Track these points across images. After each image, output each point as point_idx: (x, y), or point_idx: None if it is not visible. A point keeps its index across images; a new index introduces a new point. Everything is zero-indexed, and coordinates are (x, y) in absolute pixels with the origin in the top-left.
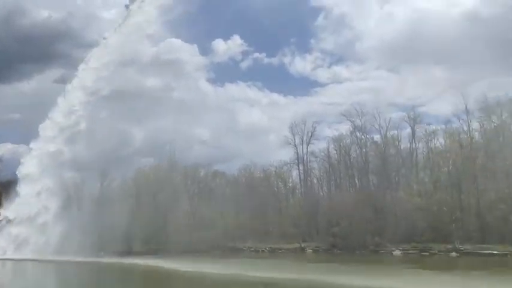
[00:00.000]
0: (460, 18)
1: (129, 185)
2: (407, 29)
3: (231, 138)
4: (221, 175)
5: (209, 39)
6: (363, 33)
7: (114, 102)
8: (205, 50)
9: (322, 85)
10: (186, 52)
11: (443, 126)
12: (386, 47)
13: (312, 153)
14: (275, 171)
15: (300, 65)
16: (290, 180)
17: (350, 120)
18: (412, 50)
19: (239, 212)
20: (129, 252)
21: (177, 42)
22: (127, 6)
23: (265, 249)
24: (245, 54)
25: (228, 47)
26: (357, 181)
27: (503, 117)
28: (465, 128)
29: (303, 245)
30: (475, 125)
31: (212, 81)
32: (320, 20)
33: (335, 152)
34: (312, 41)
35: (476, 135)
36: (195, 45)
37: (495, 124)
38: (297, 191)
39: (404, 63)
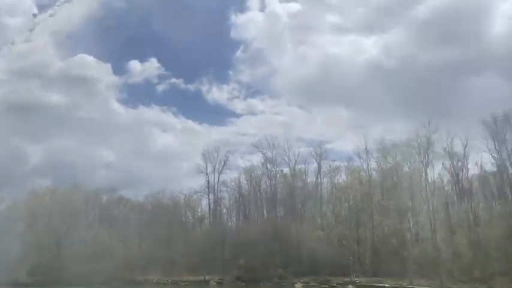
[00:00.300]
0: (364, 65)
1: (19, 208)
2: (318, 71)
3: (140, 163)
4: (126, 201)
5: (125, 59)
6: (278, 70)
7: (8, 116)
8: (119, 70)
9: (237, 116)
10: (98, 70)
11: (346, 163)
12: (298, 85)
13: (223, 182)
14: (184, 200)
15: (217, 94)
16: (199, 209)
17: (262, 152)
18: (321, 91)
19: (143, 241)
20: (14, 284)
21: (89, 58)
22: (35, 15)
23: (168, 281)
24: (162, 78)
25: (144, 68)
26: (265, 212)
27: (397, 158)
28: (365, 167)
29: (207, 277)
30: (373, 164)
31: (124, 102)
32: (239, 52)
33: (246, 182)
34: (230, 72)
35: (374, 173)
36: (109, 64)
37: (390, 164)
38: (206, 221)
39: (315, 102)
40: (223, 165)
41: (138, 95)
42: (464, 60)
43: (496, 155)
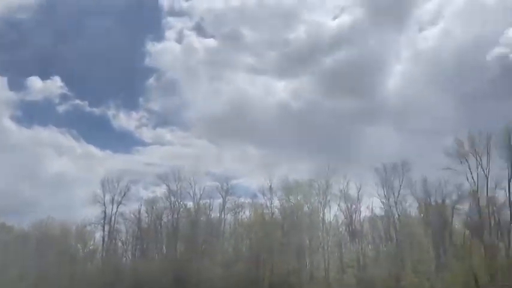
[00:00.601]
0: (274, 106)
1: None
2: (230, 107)
3: (29, 187)
4: (8, 229)
5: (24, 74)
6: (191, 102)
7: None
8: (16, 85)
9: (144, 144)
10: None
11: (250, 200)
12: (210, 119)
13: (122, 214)
14: (76, 230)
15: (125, 120)
16: (91, 242)
17: (166, 184)
18: (232, 127)
19: (25, 275)
20: None
21: None
22: None
23: None
24: (64, 98)
25: (46, 86)
26: (164, 247)
27: (299, 198)
28: (268, 204)
29: None
30: (276, 202)
31: (18, 120)
32: (152, 80)
33: (146, 215)
34: (141, 99)
35: (277, 211)
36: (5, 78)
37: (292, 203)
38: (98, 255)
39: (225, 137)
40: (124, 195)
41: (35, 113)
42: (362, 111)
43: (384, 201)
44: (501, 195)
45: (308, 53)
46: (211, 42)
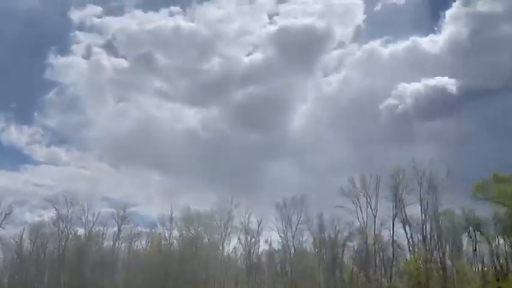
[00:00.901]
0: (182, 133)
1: None
2: (135, 130)
3: None
4: None
5: None
6: (93, 122)
7: None
8: None
9: (35, 163)
10: None
11: (148, 229)
12: (112, 142)
13: (0, 238)
14: None
15: (15, 135)
16: None
17: (56, 208)
18: (136, 151)
19: None
20: None
21: None
22: None
23: None
24: None
25: None
26: (46, 278)
27: (199, 229)
28: (167, 234)
29: None
30: (175, 232)
31: None
32: (51, 95)
33: (29, 241)
34: (36, 114)
35: (175, 242)
36: None
37: (192, 234)
38: None
39: (127, 161)
40: (4, 217)
41: None
42: (267, 146)
43: (282, 235)
44: (386, 234)
45: (220, 84)
46: (121, 62)
